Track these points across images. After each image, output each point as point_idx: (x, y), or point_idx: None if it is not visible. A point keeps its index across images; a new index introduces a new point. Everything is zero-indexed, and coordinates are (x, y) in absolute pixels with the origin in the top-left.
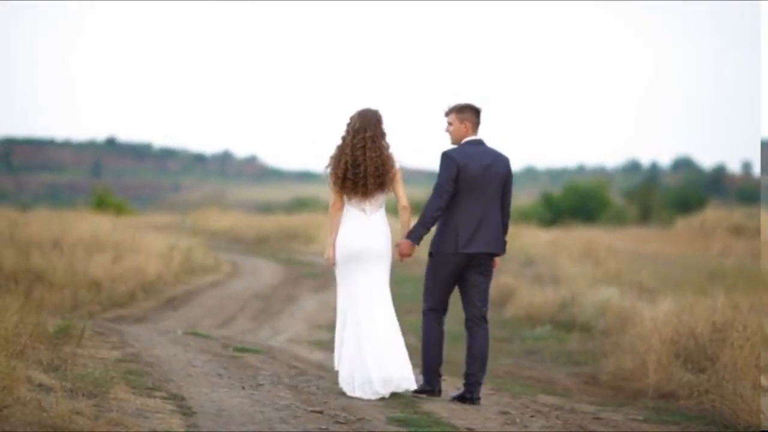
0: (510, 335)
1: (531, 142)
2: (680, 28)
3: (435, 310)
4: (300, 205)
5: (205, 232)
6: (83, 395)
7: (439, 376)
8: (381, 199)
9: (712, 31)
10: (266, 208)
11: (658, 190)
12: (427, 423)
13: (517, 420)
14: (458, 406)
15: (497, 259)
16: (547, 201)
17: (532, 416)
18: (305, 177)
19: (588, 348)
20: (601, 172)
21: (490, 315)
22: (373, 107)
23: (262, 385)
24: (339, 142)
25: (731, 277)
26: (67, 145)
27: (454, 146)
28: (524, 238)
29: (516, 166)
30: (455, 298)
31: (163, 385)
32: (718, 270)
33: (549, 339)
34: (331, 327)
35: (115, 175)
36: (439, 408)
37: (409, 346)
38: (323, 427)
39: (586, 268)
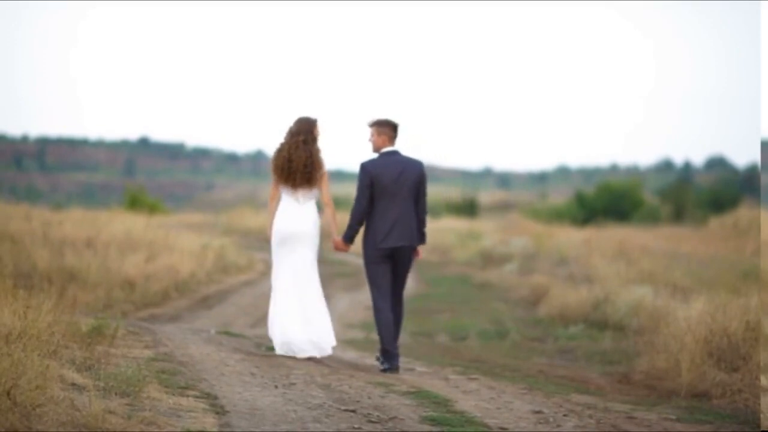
0: (543, 334)
1: (564, 141)
2: (719, 26)
3: (378, 297)
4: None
5: (238, 231)
6: (116, 394)
7: (396, 355)
8: (312, 192)
9: (758, 31)
10: None
11: (691, 189)
12: (460, 422)
13: (550, 419)
14: (491, 405)
15: (419, 249)
16: (580, 200)
17: (565, 415)
18: (337, 176)
19: (621, 347)
20: (634, 171)
21: (521, 314)
22: (312, 116)
23: (294, 384)
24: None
25: (765, 276)
26: (100, 144)
27: (374, 155)
28: (557, 237)
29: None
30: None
31: (196, 384)
32: (751, 269)
33: (582, 338)
34: (365, 326)
35: (148, 174)
36: (472, 407)
37: (440, 345)
38: (356, 426)
39: (619, 268)
